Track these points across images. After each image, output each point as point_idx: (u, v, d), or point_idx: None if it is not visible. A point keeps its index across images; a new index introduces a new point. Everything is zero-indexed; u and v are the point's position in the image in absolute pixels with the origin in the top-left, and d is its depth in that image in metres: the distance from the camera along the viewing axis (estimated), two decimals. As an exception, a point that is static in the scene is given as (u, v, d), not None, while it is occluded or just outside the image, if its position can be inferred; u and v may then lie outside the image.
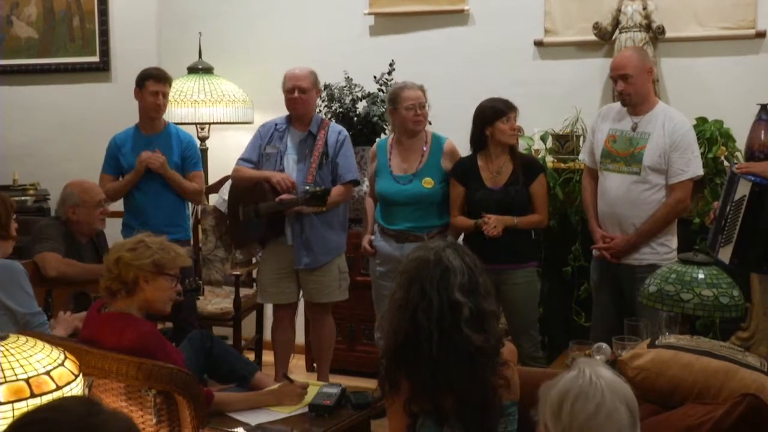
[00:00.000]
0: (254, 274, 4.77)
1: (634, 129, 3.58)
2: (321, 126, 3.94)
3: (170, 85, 4.19)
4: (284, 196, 3.80)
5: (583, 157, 3.85)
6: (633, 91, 3.54)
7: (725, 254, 2.95)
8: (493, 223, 3.61)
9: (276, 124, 4.00)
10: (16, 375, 1.72)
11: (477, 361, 2.05)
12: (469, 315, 2.04)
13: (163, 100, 4.13)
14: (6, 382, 1.70)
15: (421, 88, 3.80)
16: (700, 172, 3.57)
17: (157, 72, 4.16)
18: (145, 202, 4.15)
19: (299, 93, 3.86)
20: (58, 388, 1.78)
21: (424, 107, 3.78)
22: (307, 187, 3.75)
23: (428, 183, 3.78)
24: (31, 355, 1.79)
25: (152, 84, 4.09)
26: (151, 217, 4.09)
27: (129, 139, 4.19)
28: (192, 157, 4.23)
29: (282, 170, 3.88)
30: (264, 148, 3.95)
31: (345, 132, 4.01)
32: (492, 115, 3.68)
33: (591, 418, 1.61)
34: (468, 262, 2.11)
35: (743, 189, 2.90)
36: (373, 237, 3.93)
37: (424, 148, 3.84)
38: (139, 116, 4.20)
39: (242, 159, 4.00)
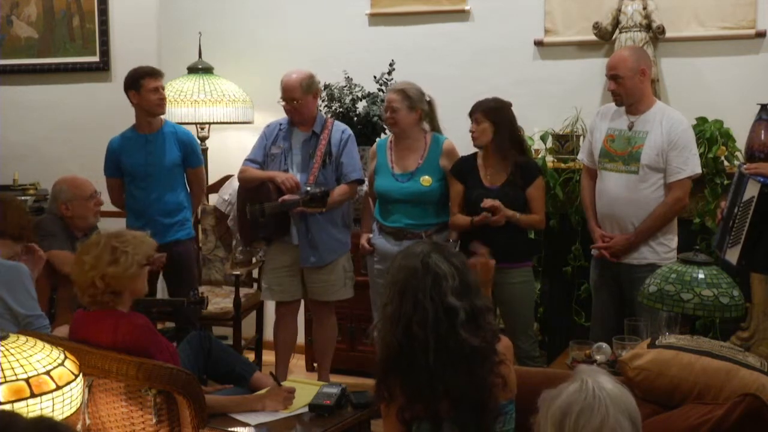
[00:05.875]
0: (254, 273, 4.78)
1: (630, 128, 3.58)
2: (324, 125, 3.95)
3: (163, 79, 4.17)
4: (286, 197, 3.80)
5: (582, 156, 3.85)
6: (623, 92, 3.55)
7: (733, 255, 2.93)
8: (490, 203, 3.55)
9: (281, 124, 4.02)
10: (16, 375, 1.72)
11: (474, 362, 2.03)
12: (464, 317, 2.02)
13: (163, 94, 4.12)
14: (6, 382, 1.70)
15: (401, 92, 3.78)
16: (699, 170, 3.56)
17: (151, 69, 4.14)
18: (147, 203, 4.12)
19: (290, 102, 3.88)
20: (58, 387, 1.78)
21: (396, 111, 3.77)
22: (308, 189, 3.76)
23: (426, 181, 3.80)
24: (31, 355, 1.80)
25: (150, 81, 4.06)
26: (153, 218, 4.08)
27: (127, 141, 4.15)
28: (192, 153, 4.23)
29: (286, 170, 3.90)
30: (269, 148, 3.97)
31: (349, 131, 4.01)
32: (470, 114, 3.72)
33: None
34: (455, 263, 2.07)
35: (752, 190, 2.88)
36: (371, 235, 3.95)
37: (424, 147, 3.85)
38: (136, 117, 4.16)
39: (248, 159, 4.02)
